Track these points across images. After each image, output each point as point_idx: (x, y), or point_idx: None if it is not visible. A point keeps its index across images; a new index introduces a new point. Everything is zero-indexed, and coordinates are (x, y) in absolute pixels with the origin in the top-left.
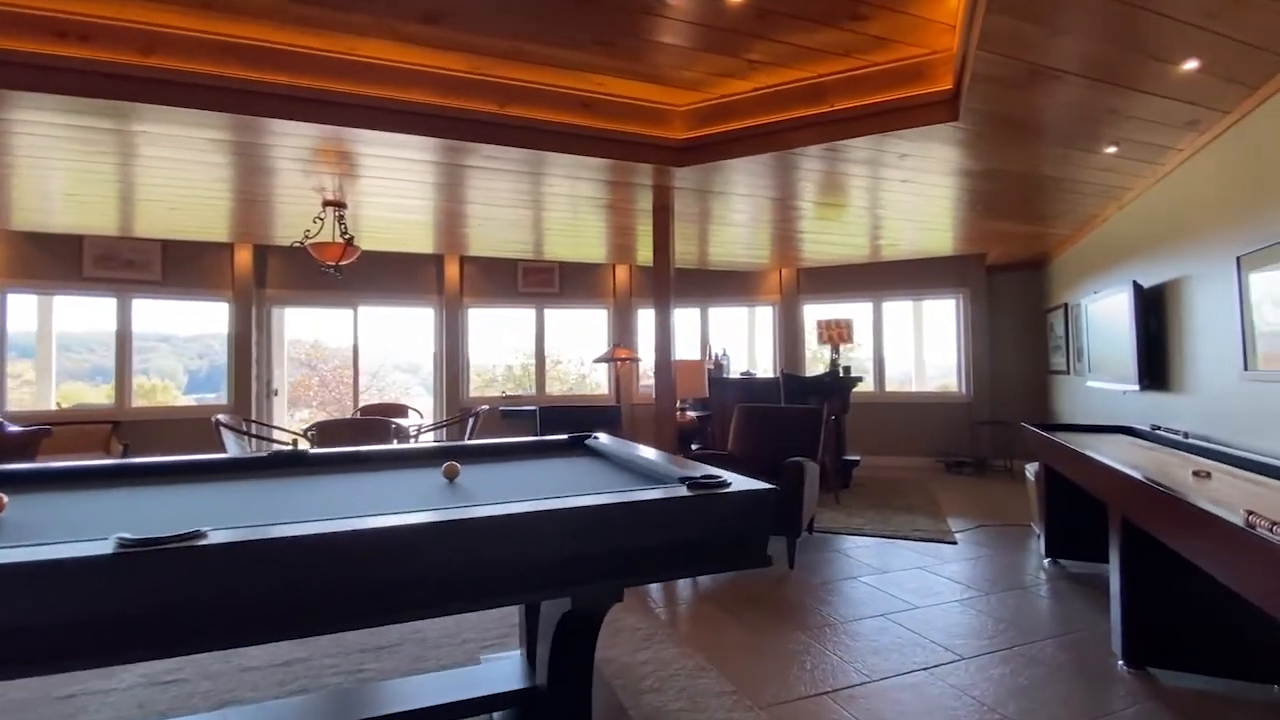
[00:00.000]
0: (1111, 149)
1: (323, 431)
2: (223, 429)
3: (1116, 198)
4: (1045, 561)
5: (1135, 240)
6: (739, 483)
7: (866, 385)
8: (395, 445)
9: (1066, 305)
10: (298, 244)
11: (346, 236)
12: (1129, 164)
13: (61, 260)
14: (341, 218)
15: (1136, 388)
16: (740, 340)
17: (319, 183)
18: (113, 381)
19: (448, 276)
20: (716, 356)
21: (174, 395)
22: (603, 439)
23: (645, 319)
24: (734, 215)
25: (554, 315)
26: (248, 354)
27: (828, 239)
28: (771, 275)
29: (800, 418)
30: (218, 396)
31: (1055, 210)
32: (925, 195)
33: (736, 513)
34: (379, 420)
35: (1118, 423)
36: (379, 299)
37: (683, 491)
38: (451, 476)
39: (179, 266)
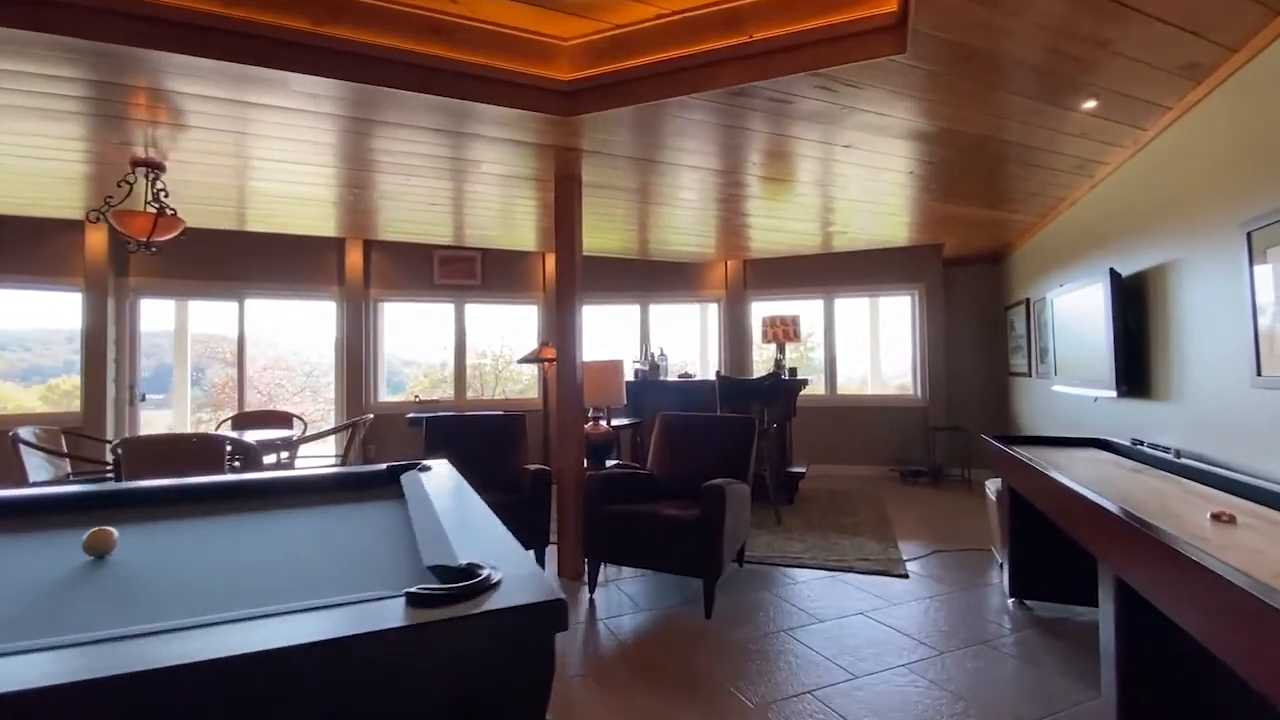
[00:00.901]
0: (1091, 104)
1: (131, 452)
2: (23, 447)
3: (1090, 174)
4: (1010, 603)
5: (1112, 222)
6: (517, 577)
7: (817, 388)
8: (218, 476)
9: (1029, 301)
10: (95, 215)
11: (158, 206)
12: (1109, 127)
13: None
14: (156, 181)
15: (1112, 394)
16: (692, 340)
17: (121, 132)
18: None
19: (349, 265)
20: (652, 357)
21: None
22: (424, 476)
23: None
24: (670, 193)
25: (476, 310)
26: (102, 353)
27: (775, 224)
28: (717, 268)
29: (730, 428)
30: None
31: (1020, 191)
32: (875, 167)
33: (489, 653)
34: (208, 437)
35: (1089, 433)
36: (270, 290)
37: (393, 616)
38: (99, 551)
39: (15, 248)
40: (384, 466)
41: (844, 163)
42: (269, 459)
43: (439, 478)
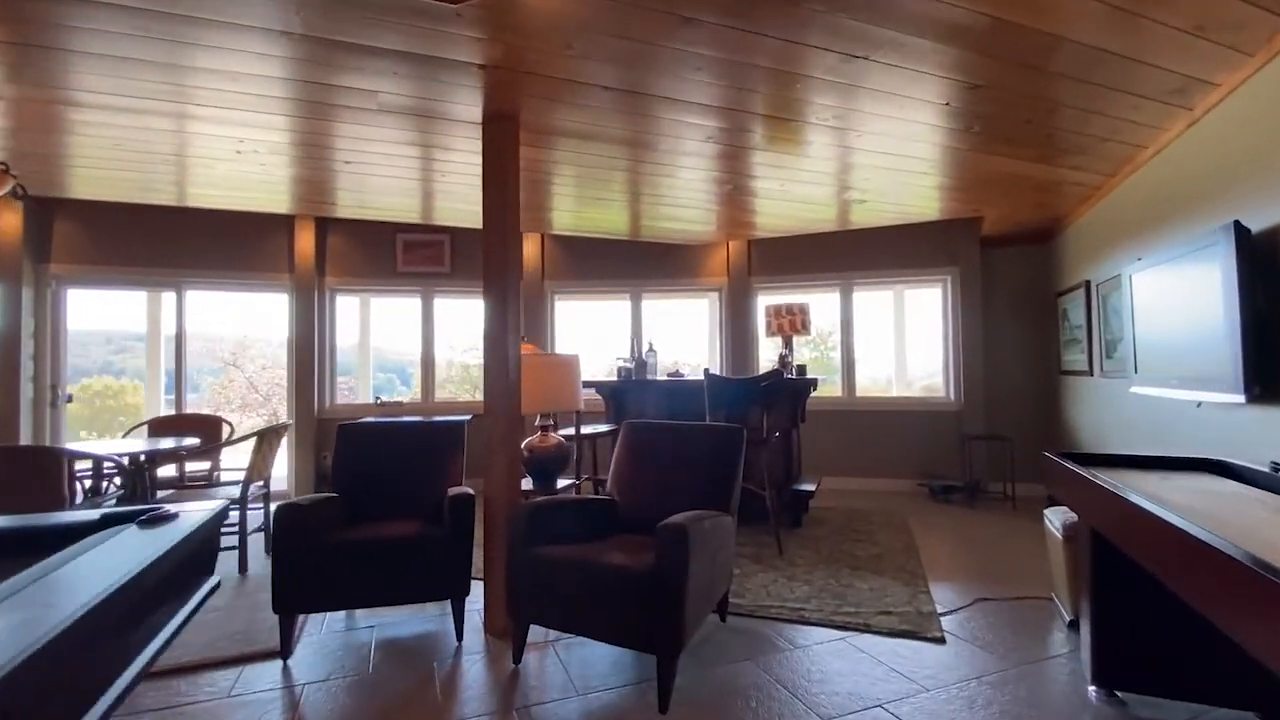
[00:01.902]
0: None
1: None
2: None
3: (1190, 102)
4: (1093, 693)
5: (1231, 164)
6: None
7: (832, 389)
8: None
9: (1089, 284)
10: None
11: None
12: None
13: None
14: None
15: (1237, 398)
16: (694, 336)
17: None
18: None
19: (299, 250)
20: (639, 354)
21: None
22: (121, 538)
23: (568, 307)
24: (657, 146)
25: (445, 304)
26: (15, 349)
27: (782, 191)
28: (718, 252)
29: (712, 441)
30: None
31: (1087, 134)
32: (905, 96)
33: None
34: (44, 451)
35: (1188, 450)
36: (207, 279)
37: None
38: None
39: None
40: (99, 514)
41: (866, 89)
42: (167, 472)
43: (130, 546)
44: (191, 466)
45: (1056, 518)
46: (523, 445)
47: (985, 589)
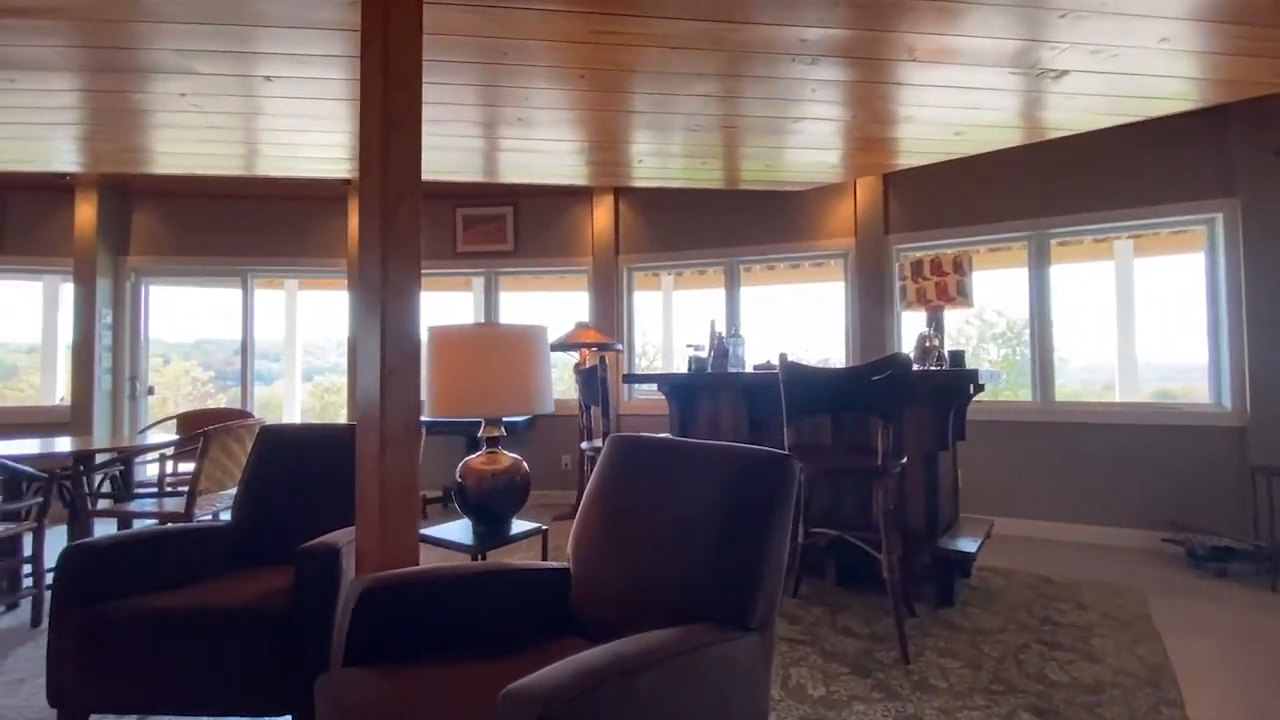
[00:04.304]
0: None
1: None
2: None
3: None
4: None
5: None
6: None
7: (1017, 391)
8: None
9: None
10: None
11: None
12: None
13: None
14: None
15: None
16: (818, 321)
17: None
18: None
19: (351, 233)
20: (720, 338)
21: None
22: None
23: (649, 287)
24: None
25: (510, 285)
26: (91, 340)
27: (943, 79)
28: (842, 203)
29: (725, 483)
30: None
31: None
32: None
33: None
34: None
35: None
36: (272, 268)
37: None
38: None
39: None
40: None
41: None
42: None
43: None
44: (184, 469)
45: None
46: (457, 470)
47: None
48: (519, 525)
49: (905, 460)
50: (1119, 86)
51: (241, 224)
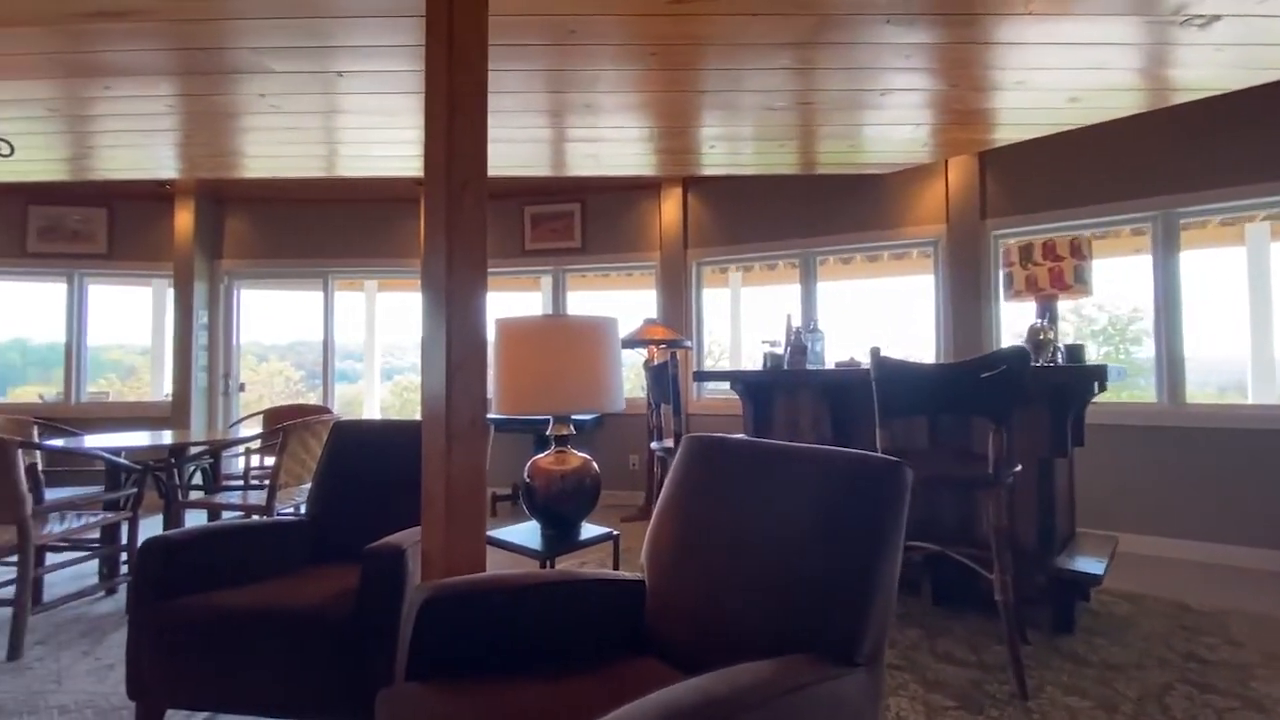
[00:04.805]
0: None
1: None
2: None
3: None
4: None
5: None
6: None
7: (1145, 391)
8: None
9: None
10: None
11: None
12: None
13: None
14: None
15: None
16: (904, 316)
17: None
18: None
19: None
20: (797, 333)
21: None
22: None
23: (717, 288)
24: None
25: (577, 284)
26: (189, 339)
27: (1056, 32)
28: (931, 187)
29: (823, 491)
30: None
31: None
32: None
33: None
34: None
35: None
36: (352, 269)
37: None
38: None
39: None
40: None
41: None
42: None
43: None
44: (268, 463)
45: None
46: (525, 469)
47: None
48: (588, 529)
49: (1015, 471)
50: (1273, 33)
51: (322, 227)
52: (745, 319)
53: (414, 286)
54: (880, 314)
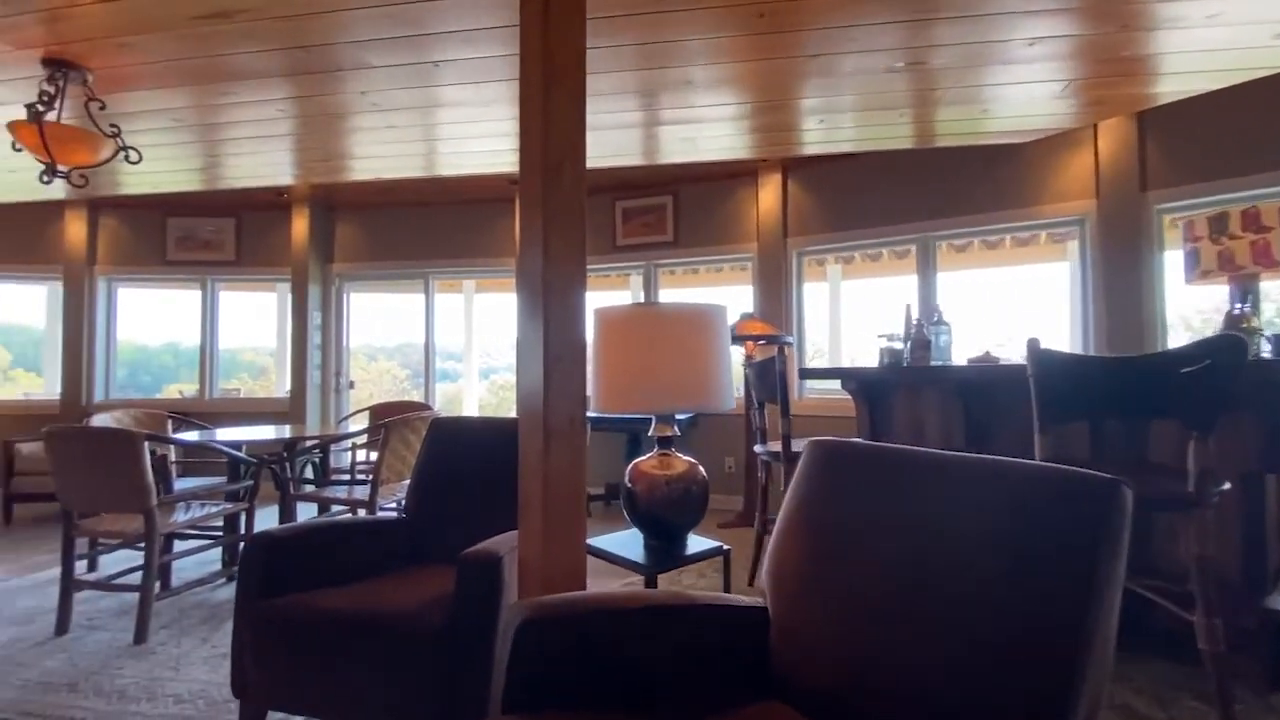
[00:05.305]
0: None
1: (52, 446)
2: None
3: None
4: None
5: None
6: None
7: None
8: None
9: None
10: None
11: (112, 130)
12: None
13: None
14: (88, 85)
15: None
16: (1042, 304)
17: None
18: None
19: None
20: (919, 325)
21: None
22: None
23: (815, 282)
24: None
25: (668, 282)
26: (304, 339)
27: None
28: (1076, 156)
29: (1026, 517)
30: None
31: None
32: None
33: None
34: (119, 434)
35: None
36: (452, 269)
37: None
38: None
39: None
40: None
41: None
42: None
43: None
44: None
45: None
46: (626, 473)
47: None
48: (694, 542)
49: (1222, 487)
50: None
51: (423, 229)
52: (845, 314)
53: (508, 287)
54: (1001, 306)
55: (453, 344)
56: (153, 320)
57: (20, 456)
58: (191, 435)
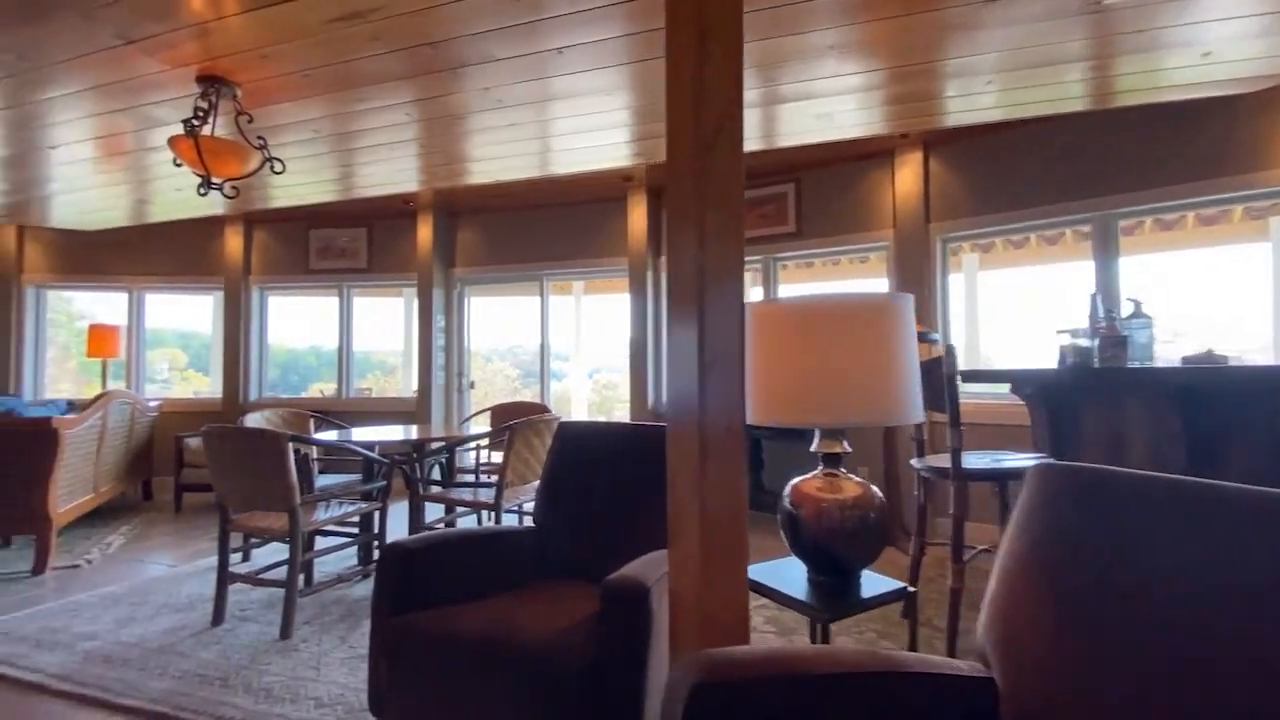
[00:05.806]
0: None
1: (208, 444)
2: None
3: None
4: None
5: None
6: None
7: None
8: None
9: None
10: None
11: (259, 142)
12: None
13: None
14: (237, 99)
15: None
16: (1241, 296)
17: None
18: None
19: (632, 230)
20: (1111, 318)
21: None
22: None
23: (953, 276)
24: None
25: (787, 278)
26: (429, 341)
27: None
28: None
29: None
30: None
31: None
32: None
33: None
34: (265, 435)
35: None
36: (564, 269)
37: None
38: None
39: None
40: None
41: None
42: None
43: None
44: (496, 457)
45: None
46: (785, 494)
47: None
48: (869, 580)
49: None
50: None
51: (536, 231)
52: (983, 311)
53: (614, 288)
54: (1182, 295)
55: (560, 344)
56: (298, 324)
57: (188, 450)
58: (330, 435)
